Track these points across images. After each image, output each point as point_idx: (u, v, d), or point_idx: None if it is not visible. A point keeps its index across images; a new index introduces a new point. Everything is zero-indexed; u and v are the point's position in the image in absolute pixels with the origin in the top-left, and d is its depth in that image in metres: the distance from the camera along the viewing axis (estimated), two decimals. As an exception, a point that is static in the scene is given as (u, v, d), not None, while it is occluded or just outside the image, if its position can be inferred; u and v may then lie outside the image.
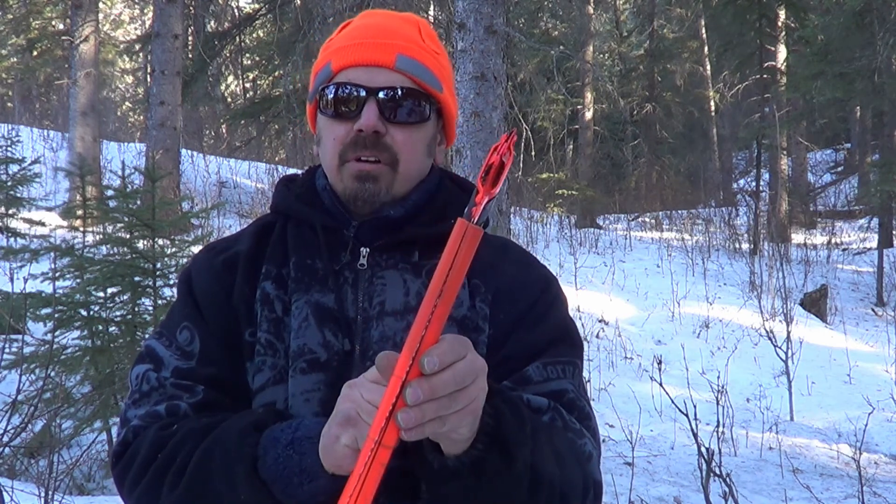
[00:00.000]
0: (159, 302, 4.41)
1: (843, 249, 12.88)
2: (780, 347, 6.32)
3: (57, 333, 4.19)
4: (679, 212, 15.65)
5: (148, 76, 13.96)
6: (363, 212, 1.07)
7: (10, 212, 7.13)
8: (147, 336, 4.30)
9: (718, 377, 5.97)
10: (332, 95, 1.06)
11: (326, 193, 1.10)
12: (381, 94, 1.04)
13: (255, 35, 19.03)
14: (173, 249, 4.58)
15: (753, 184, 13.86)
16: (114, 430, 4.28)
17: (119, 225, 4.58)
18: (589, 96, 15.15)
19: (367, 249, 1.06)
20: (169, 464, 0.95)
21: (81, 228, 5.54)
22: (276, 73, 15.02)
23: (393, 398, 0.76)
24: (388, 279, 1.05)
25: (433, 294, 0.77)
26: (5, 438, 3.54)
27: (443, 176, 1.16)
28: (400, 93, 1.05)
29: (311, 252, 1.07)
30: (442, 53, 1.13)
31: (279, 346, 1.02)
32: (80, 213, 5.61)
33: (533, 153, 13.20)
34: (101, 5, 14.92)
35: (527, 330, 1.05)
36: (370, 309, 1.03)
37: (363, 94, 1.04)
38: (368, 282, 1.05)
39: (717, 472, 3.71)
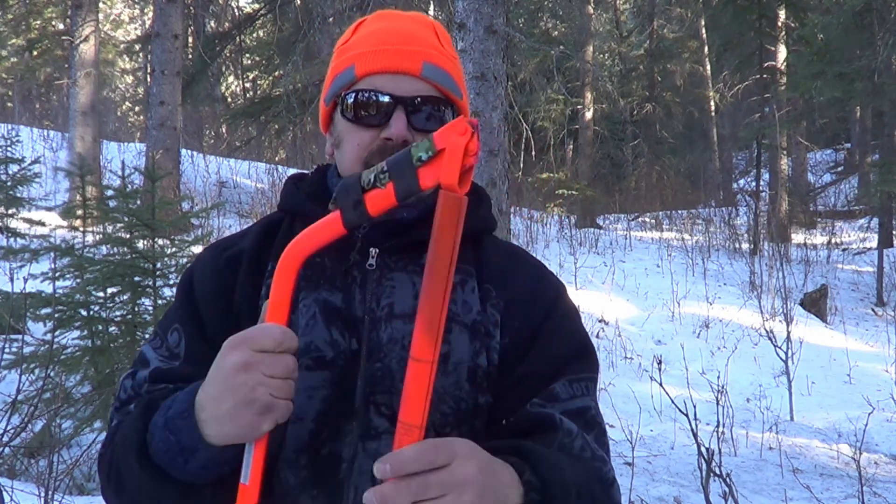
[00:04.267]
0: (159, 302, 4.41)
1: (843, 249, 12.87)
2: (780, 347, 6.32)
3: (57, 333, 4.19)
4: (679, 212, 15.65)
5: (148, 76, 13.95)
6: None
7: (10, 212, 7.12)
8: (147, 336, 4.31)
9: (718, 377, 5.97)
10: (356, 101, 1.06)
11: None
12: (408, 103, 1.04)
13: (255, 35, 19.02)
14: (173, 249, 4.58)
15: (753, 184, 13.86)
16: (114, 430, 4.27)
17: (119, 225, 4.58)
18: (589, 96, 15.15)
19: (377, 250, 1.06)
20: (110, 467, 0.98)
21: (81, 228, 5.54)
22: (276, 73, 15.03)
23: (428, 384, 0.78)
24: (396, 281, 1.05)
25: (439, 273, 0.77)
26: (5, 438, 3.54)
27: None
28: (426, 101, 1.06)
29: (319, 250, 1.07)
30: (457, 57, 1.15)
31: None
32: (80, 213, 5.61)
33: (533, 153, 13.21)
34: (101, 5, 14.93)
35: (546, 342, 1.06)
36: (377, 310, 1.03)
37: (391, 102, 1.04)
38: (377, 282, 1.05)
39: (717, 472, 3.72)
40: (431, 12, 10.44)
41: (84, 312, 4.30)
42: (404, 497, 0.75)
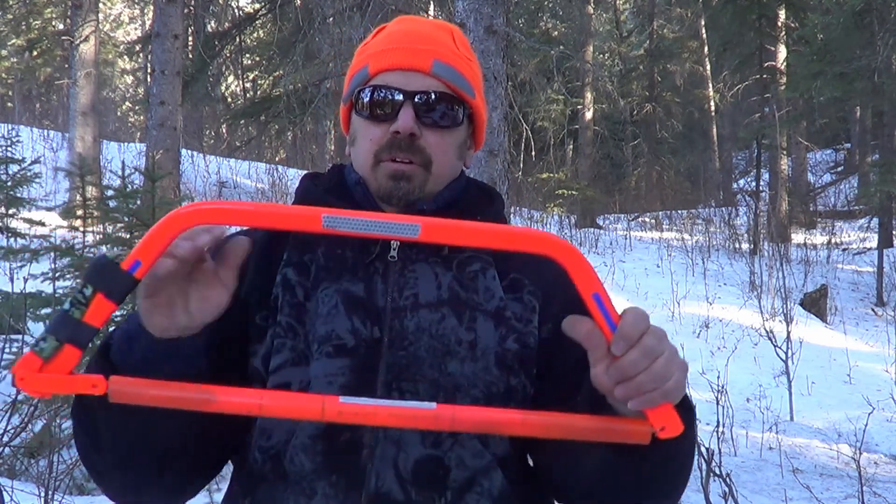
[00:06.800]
0: (159, 302, 4.40)
1: (843, 249, 12.87)
2: (780, 347, 6.32)
3: (57, 333, 4.18)
4: (679, 212, 15.64)
5: (148, 76, 13.96)
6: (395, 208, 1.10)
7: (10, 212, 7.12)
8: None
9: (718, 377, 5.97)
10: (368, 98, 1.09)
11: (359, 187, 1.12)
12: (417, 98, 1.07)
13: (255, 35, 19.03)
14: (173, 249, 4.57)
15: (753, 184, 13.87)
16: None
17: (119, 225, 4.58)
18: (589, 96, 15.15)
19: (398, 242, 1.08)
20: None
21: (81, 228, 5.53)
22: (276, 73, 15.03)
23: None
24: (419, 272, 1.07)
25: None
26: (5, 438, 3.54)
27: (469, 181, 1.20)
28: (435, 97, 1.08)
29: (341, 242, 1.08)
30: (474, 60, 1.17)
31: (300, 329, 1.04)
32: (80, 213, 5.60)
33: (533, 153, 13.20)
34: (101, 5, 14.93)
35: None
36: (400, 299, 1.05)
37: (400, 97, 1.07)
38: (399, 273, 1.07)
39: (717, 472, 3.72)
40: (431, 12, 10.44)
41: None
42: (641, 363, 0.80)
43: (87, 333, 0.79)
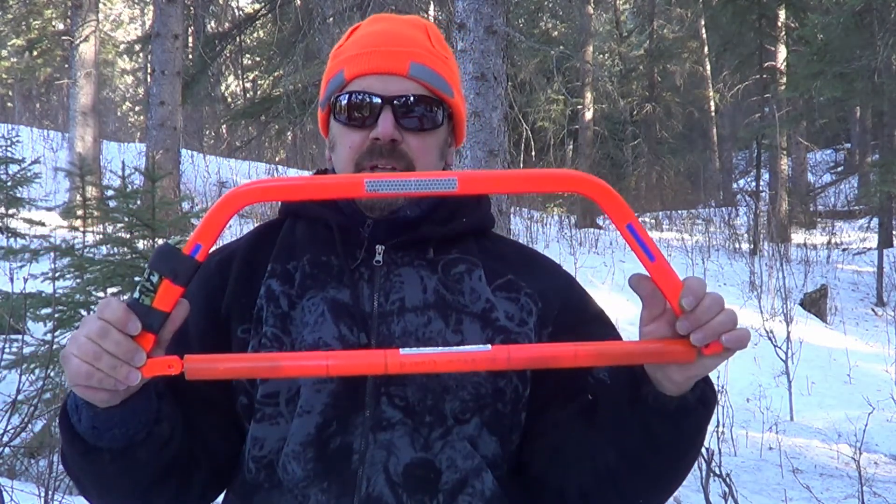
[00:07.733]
0: (159, 302, 4.40)
1: (843, 249, 12.87)
2: (780, 347, 6.32)
3: (57, 333, 4.19)
4: (679, 212, 15.64)
5: (148, 76, 13.96)
6: (380, 213, 1.09)
7: (10, 212, 7.12)
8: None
9: (718, 377, 5.97)
10: (346, 103, 1.07)
11: None
12: (395, 103, 1.06)
13: (255, 35, 19.02)
14: (173, 250, 4.57)
15: (753, 184, 13.87)
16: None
17: (119, 225, 4.58)
18: (589, 96, 15.15)
19: (383, 247, 1.07)
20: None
21: (81, 228, 5.54)
22: (276, 73, 15.01)
23: None
24: (404, 276, 1.06)
25: None
26: (5, 438, 3.54)
27: None
28: (414, 100, 1.07)
29: (326, 249, 1.08)
30: (451, 57, 1.16)
31: (285, 339, 1.03)
32: (80, 213, 5.61)
33: (533, 153, 13.20)
34: (101, 5, 14.92)
35: (588, 327, 1.10)
36: (386, 304, 1.05)
37: (378, 102, 1.05)
38: (385, 278, 1.06)
39: (717, 472, 3.72)
40: (431, 12, 10.44)
41: (84, 312, 4.30)
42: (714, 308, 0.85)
43: (158, 318, 0.83)
